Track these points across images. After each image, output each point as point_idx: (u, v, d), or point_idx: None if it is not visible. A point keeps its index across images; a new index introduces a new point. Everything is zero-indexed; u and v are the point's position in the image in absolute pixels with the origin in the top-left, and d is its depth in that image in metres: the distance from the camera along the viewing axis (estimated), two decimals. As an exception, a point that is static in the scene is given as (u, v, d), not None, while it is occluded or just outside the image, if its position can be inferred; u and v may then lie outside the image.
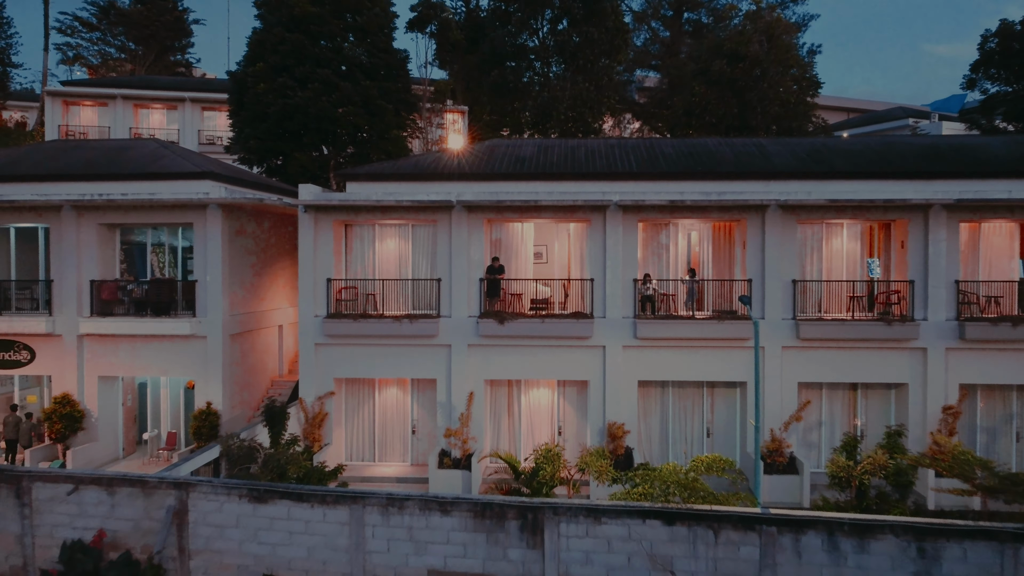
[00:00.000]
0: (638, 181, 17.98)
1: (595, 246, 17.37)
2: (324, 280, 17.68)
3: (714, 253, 18.21)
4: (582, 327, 16.91)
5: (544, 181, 18.06)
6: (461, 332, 17.39)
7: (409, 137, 29.07)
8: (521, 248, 18.30)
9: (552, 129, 29.65)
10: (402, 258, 18.43)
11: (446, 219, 17.54)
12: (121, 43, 51.78)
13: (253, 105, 25.07)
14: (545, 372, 17.48)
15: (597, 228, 17.36)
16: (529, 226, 18.38)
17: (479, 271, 17.51)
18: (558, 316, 17.10)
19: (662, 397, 18.03)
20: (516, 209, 17.36)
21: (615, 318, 17.19)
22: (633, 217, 17.29)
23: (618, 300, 17.20)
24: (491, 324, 16.97)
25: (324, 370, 17.79)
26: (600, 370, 17.35)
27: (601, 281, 17.31)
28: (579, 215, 17.40)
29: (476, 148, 20.64)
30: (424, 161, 19.37)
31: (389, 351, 17.60)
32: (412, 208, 17.49)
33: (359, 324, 17.19)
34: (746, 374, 17.21)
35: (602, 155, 19.55)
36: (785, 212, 17.10)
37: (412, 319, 17.13)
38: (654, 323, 16.91)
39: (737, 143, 20.64)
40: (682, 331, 16.86)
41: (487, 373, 17.55)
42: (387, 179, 18.27)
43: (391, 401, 18.51)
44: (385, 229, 18.41)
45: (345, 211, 17.67)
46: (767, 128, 28.78)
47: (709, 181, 17.88)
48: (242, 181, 20.08)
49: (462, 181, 18.09)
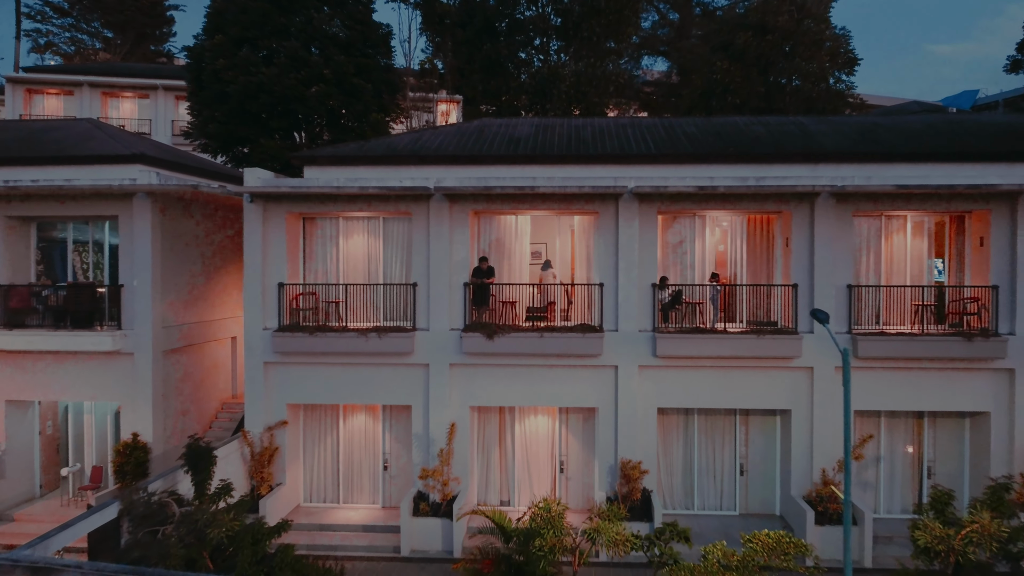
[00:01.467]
0: (657, 165, 14.84)
1: (605, 244, 14.23)
2: (275, 285, 14.55)
3: (749, 252, 15.06)
4: (589, 343, 13.77)
5: (543, 165, 14.92)
6: (441, 348, 14.26)
7: (392, 122, 25.91)
8: (515, 247, 15.17)
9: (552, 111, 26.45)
10: (372, 259, 15.30)
11: (423, 211, 14.40)
12: (95, 30, 48.76)
13: (212, 84, 21.93)
14: (544, 398, 14.34)
15: (608, 222, 14.22)
16: (525, 220, 15.25)
17: (464, 274, 14.38)
18: (560, 329, 13.96)
19: (686, 428, 14.87)
20: (509, 198, 14.22)
21: (629, 332, 14.05)
22: (652, 208, 14.14)
23: (633, 309, 14.07)
24: (477, 339, 13.84)
25: (275, 395, 14.65)
26: (611, 395, 14.21)
27: (612, 286, 14.18)
28: (585, 206, 14.27)
29: (462, 128, 17.49)
30: (399, 142, 16.23)
31: (354, 372, 14.47)
32: (381, 197, 14.36)
33: (317, 339, 14.06)
34: (790, 400, 14.07)
35: (612, 136, 16.41)
36: (839, 202, 13.93)
37: (381, 333, 13.99)
38: (678, 338, 13.76)
39: (772, 121, 17.47)
40: (712, 348, 13.71)
41: (473, 398, 14.41)
42: (353, 163, 15.13)
43: (359, 431, 15.37)
44: (351, 224, 15.27)
45: (301, 201, 14.54)
46: (798, 111, 25.60)
47: (743, 164, 14.73)
48: (185, 167, 16.95)
49: (444, 165, 14.95)
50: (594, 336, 13.75)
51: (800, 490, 13.97)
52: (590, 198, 14.15)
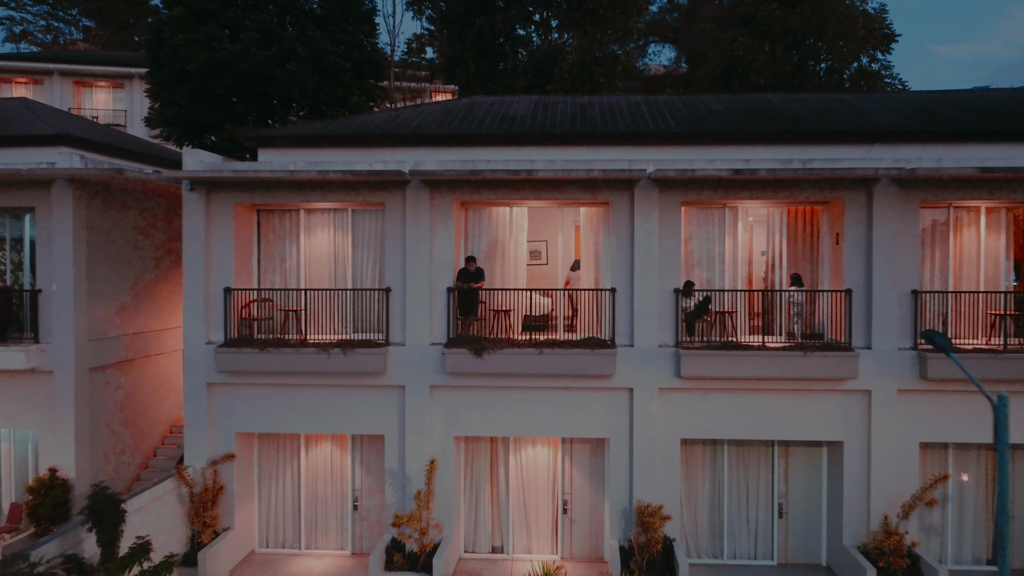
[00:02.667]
0: (678, 147, 12.41)
1: (618, 241, 11.80)
2: (221, 290, 12.13)
3: (790, 250, 12.61)
4: (599, 361, 11.33)
5: (543, 147, 12.50)
6: (420, 367, 11.83)
7: (377, 108, 23.46)
8: (510, 244, 12.74)
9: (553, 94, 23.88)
10: (339, 259, 12.87)
11: (398, 201, 11.97)
12: (73, 17, 46.43)
13: (171, 62, 19.52)
14: (544, 426, 11.91)
15: (621, 215, 11.78)
16: (521, 212, 12.83)
17: (447, 278, 11.95)
18: (563, 344, 11.52)
19: (714, 462, 12.42)
20: (501, 185, 11.79)
21: (647, 347, 11.62)
22: (674, 198, 11.70)
23: (652, 320, 11.63)
24: (463, 356, 11.41)
25: (221, 422, 12.23)
26: (625, 424, 11.78)
27: (627, 292, 11.75)
28: (594, 195, 11.83)
29: (448, 106, 15.06)
30: (372, 122, 13.80)
31: (317, 395, 12.06)
32: (347, 184, 11.93)
33: (270, 356, 11.63)
34: (842, 430, 11.63)
35: (624, 114, 13.98)
36: (902, 189, 11.47)
37: (347, 349, 11.56)
38: (706, 356, 11.31)
39: (811, 98, 15.02)
40: (748, 368, 11.26)
41: (458, 427, 11.98)
42: (316, 144, 12.72)
43: (324, 464, 12.94)
44: (315, 217, 12.84)
45: (251, 189, 12.10)
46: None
47: (784, 146, 12.30)
48: (124, 151, 14.54)
49: (424, 147, 12.54)
50: (605, 353, 11.31)
51: (854, 538, 11.53)
52: (599, 186, 11.72)
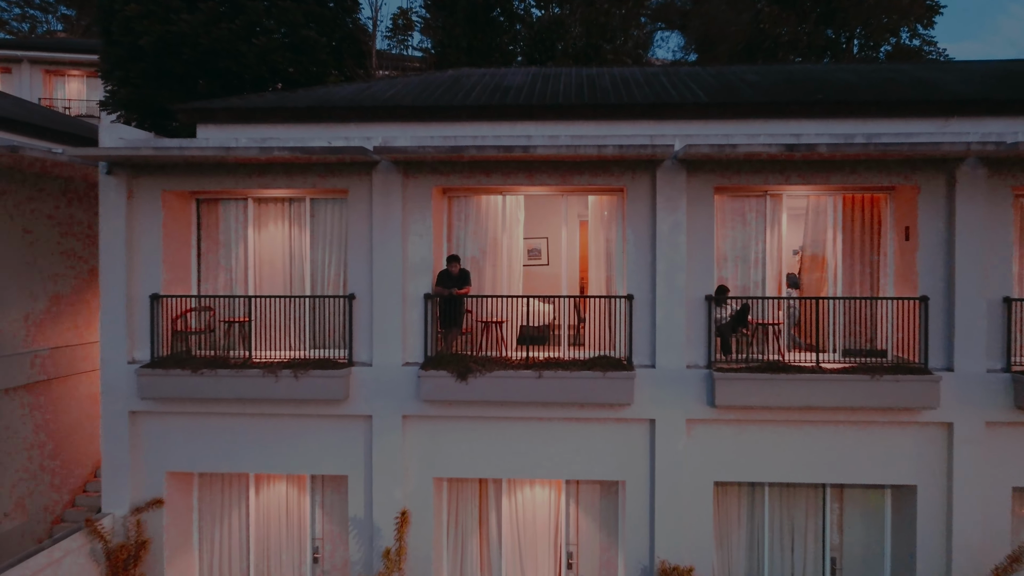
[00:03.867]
0: (709, 121, 10.15)
1: (635, 236, 9.52)
2: (146, 298, 9.86)
3: (846, 247, 10.32)
4: (614, 387, 9.05)
5: (543, 122, 10.24)
6: (390, 392, 9.56)
7: (359, 91, 21.14)
8: (503, 241, 10.46)
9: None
10: (295, 259, 10.60)
11: (364, 187, 9.69)
12: (50, 4, 44.12)
13: (123, 36, 17.26)
14: (544, 466, 9.63)
15: (640, 203, 9.50)
16: (516, 202, 10.57)
17: (424, 281, 9.68)
18: (568, 365, 9.24)
19: (752, 510, 10.12)
20: (492, 167, 9.51)
21: (673, 368, 9.34)
22: (706, 182, 9.41)
23: (679, 334, 9.34)
24: (444, 380, 9.14)
25: (149, 459, 9.96)
26: (645, 463, 9.51)
27: (647, 299, 9.47)
28: (606, 178, 9.54)
29: (429, 78, 12.79)
30: (336, 93, 11.55)
31: (267, 426, 9.79)
32: (301, 167, 9.65)
33: (204, 380, 9.35)
34: (913, 471, 9.35)
35: (641, 85, 11.71)
36: (993, 172, 9.18)
37: (299, 371, 9.28)
38: (747, 380, 9.02)
39: (861, 68, 12.75)
40: (800, 395, 8.98)
41: (438, 466, 9.71)
42: (267, 119, 10.46)
43: (278, 509, 10.66)
44: (266, 208, 10.57)
45: (186, 172, 9.83)
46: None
47: (840, 119, 10.03)
48: (36, 128, 12.28)
49: (398, 122, 10.28)
50: (620, 377, 9.03)
51: (930, 606, 9.27)
52: (613, 168, 9.44)
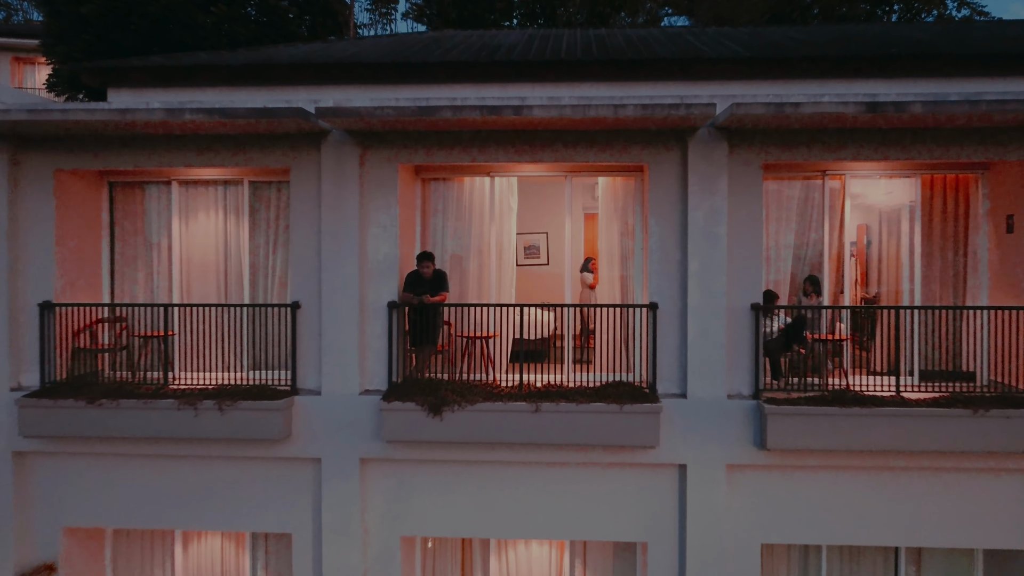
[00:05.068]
0: (754, 81, 8.02)
1: (661, 227, 7.37)
2: (36, 307, 7.74)
3: (926, 243, 8.15)
4: (633, 424, 6.90)
5: (541, 83, 8.12)
6: (344, 429, 7.42)
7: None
8: (490, 235, 8.30)
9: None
10: (232, 256, 8.49)
11: (310, 165, 7.55)
12: (26, -9, 42.00)
13: (66, 5, 15.21)
14: (543, 524, 7.49)
15: (666, 185, 7.35)
16: (508, 186, 8.44)
17: (390, 285, 7.54)
18: (573, 395, 7.08)
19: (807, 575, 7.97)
20: (475, 140, 7.37)
21: (710, 398, 7.19)
22: (753, 158, 7.26)
23: (717, 353, 7.19)
24: (412, 415, 7.00)
25: (39, 513, 7.84)
26: (673, 520, 7.36)
27: (675, 307, 7.33)
28: (621, 153, 7.38)
29: (404, 39, 10.68)
30: (284, 51, 9.44)
31: (193, 471, 7.67)
32: (235, 140, 7.53)
33: (105, 414, 7.23)
34: (1020, 532, 7.22)
35: (662, 44, 9.55)
36: None
37: (224, 403, 7.15)
38: (810, 415, 6.86)
39: (930, 27, 10.67)
40: (878, 435, 6.81)
41: (407, 523, 7.57)
42: (195, 81, 8.33)
43: (211, 571, 8.54)
44: (195, 194, 8.44)
45: (89, 147, 7.69)
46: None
47: (915, 79, 7.90)
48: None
49: (358, 84, 8.15)
50: (642, 411, 6.89)
51: None
52: (632, 139, 7.30)
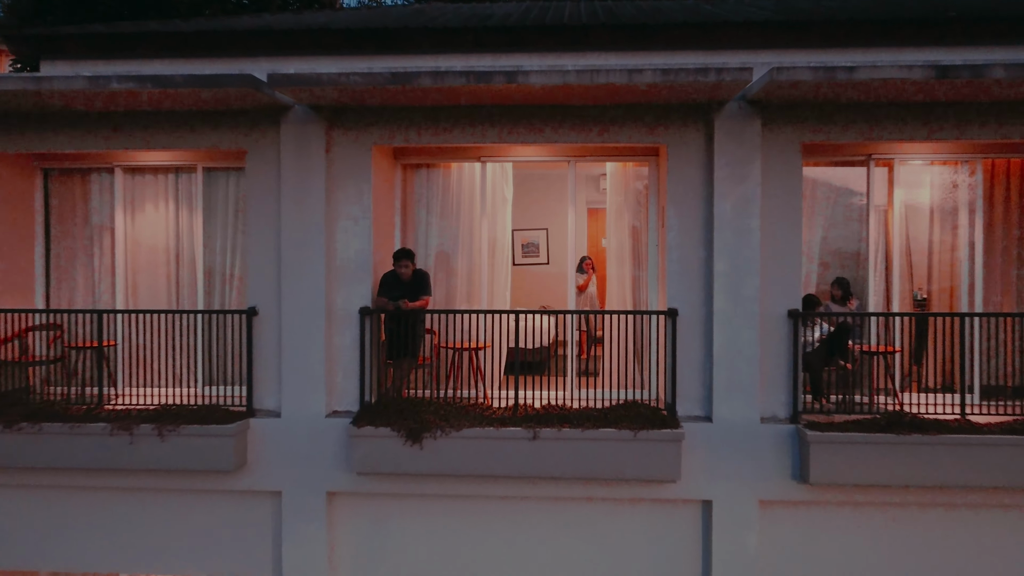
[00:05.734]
0: (788, 50, 6.86)
1: (682, 219, 6.23)
2: (-52, 314, 6.64)
3: (987, 239, 7.01)
4: (649, 454, 5.78)
5: (540, 53, 6.97)
6: (308, 458, 6.29)
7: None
8: (481, 229, 7.15)
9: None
10: (185, 255, 7.38)
11: (269, 147, 6.41)
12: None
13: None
14: (541, 570, 6.36)
15: (687, 171, 6.21)
16: (502, 173, 7.34)
17: (363, 289, 6.41)
18: (577, 419, 5.95)
19: (855, 623, 6.86)
20: (462, 117, 6.24)
21: (740, 422, 6.06)
22: (792, 136, 6.11)
23: (750, 368, 6.05)
24: (388, 443, 5.88)
25: (-45, 553, 6.76)
26: (696, 566, 6.24)
27: (698, 314, 6.20)
28: (635, 131, 6.23)
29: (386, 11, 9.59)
30: (244, 20, 8.32)
31: (130, 504, 6.57)
32: (183, 118, 6.40)
33: (25, 440, 6.11)
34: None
35: (678, 12, 8.41)
36: None
37: (165, 428, 6.04)
38: (862, 443, 5.75)
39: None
40: (944, 467, 5.69)
41: (382, 568, 6.43)
42: (141, 52, 7.21)
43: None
44: (142, 182, 7.31)
45: (10, 127, 6.57)
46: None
47: (979, 48, 6.75)
48: None
49: (323, 55, 7.00)
50: (660, 438, 5.77)
51: None
52: (647, 115, 6.16)
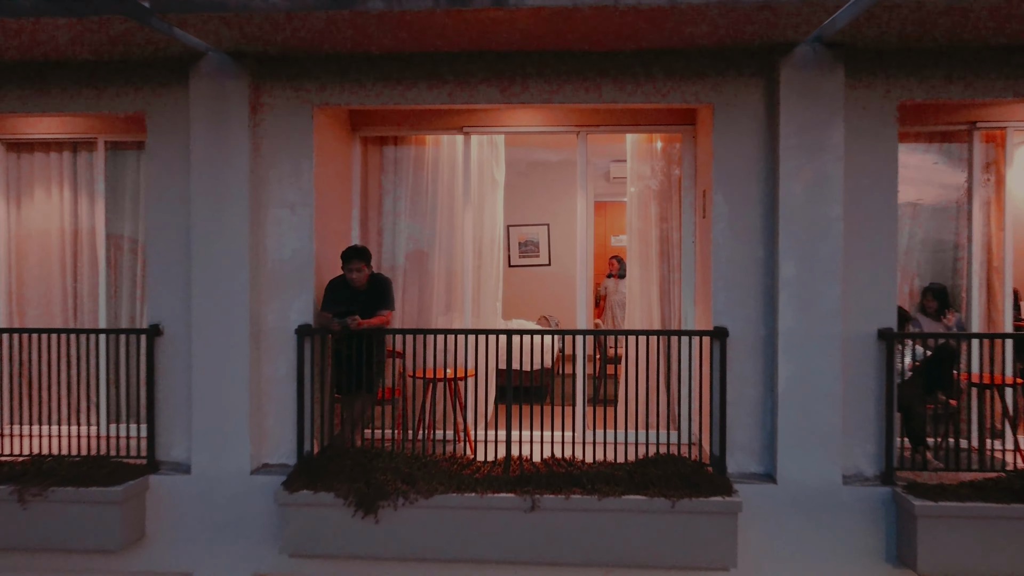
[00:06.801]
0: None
1: (733, 208, 4.60)
2: None
3: None
4: (693, 532, 4.14)
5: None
6: (227, 531, 4.64)
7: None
8: (463, 221, 5.57)
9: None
10: (83, 257, 5.78)
11: (178, 112, 4.81)
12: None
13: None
14: None
15: (738, 142, 4.60)
16: (490, 148, 5.75)
17: (303, 298, 4.79)
18: (591, 479, 4.32)
19: None
20: (434, 68, 4.65)
21: (815, 482, 4.39)
22: (888, 94, 4.52)
23: (829, 409, 4.40)
24: (331, 514, 4.23)
25: None
26: None
27: (757, 336, 4.55)
28: (667, 86, 4.64)
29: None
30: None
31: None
32: (68, 71, 4.81)
33: None
34: None
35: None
36: None
37: (29, 492, 4.40)
38: (987, 515, 4.11)
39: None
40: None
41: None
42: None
43: None
44: (29, 161, 5.74)
45: None
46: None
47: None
48: None
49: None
50: (706, 509, 4.12)
51: None
52: (684, 65, 4.58)
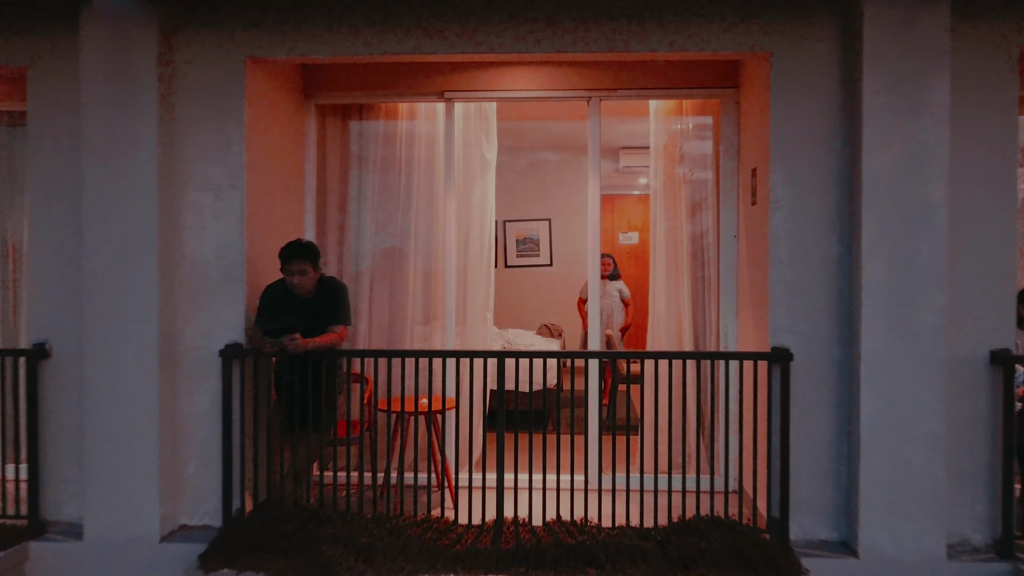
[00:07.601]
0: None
1: (797, 189, 3.41)
2: None
3: None
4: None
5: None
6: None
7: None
8: (445, 212, 4.44)
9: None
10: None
11: (66, 63, 3.67)
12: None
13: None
14: None
15: (803, 104, 3.42)
16: (479, 119, 4.62)
17: (231, 310, 3.62)
18: (613, 556, 3.17)
19: None
20: (403, 7, 3.53)
21: (911, 556, 3.17)
22: (998, 35, 3.37)
23: (928, 456, 3.20)
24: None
25: None
26: None
27: (830, 359, 3.35)
28: (708, 35, 3.51)
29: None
30: None
31: None
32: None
33: None
34: None
35: None
36: None
37: None
38: None
39: None
40: None
41: None
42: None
43: None
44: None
45: None
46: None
47: None
48: None
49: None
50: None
51: None
52: (723, 7, 3.45)
